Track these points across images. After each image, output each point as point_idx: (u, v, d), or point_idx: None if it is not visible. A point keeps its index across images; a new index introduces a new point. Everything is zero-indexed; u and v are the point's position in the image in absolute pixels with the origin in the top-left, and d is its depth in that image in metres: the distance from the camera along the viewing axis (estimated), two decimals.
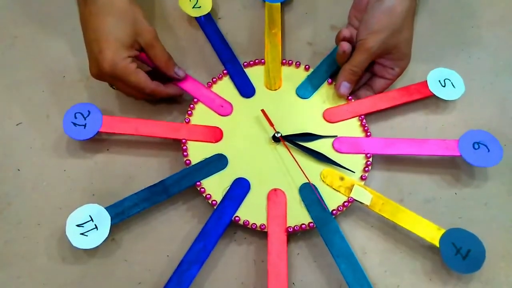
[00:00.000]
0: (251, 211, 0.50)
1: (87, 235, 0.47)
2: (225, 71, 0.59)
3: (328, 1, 0.68)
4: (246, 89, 0.58)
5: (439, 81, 0.58)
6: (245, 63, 0.60)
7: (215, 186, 0.52)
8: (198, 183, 0.51)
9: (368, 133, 0.55)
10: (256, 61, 0.60)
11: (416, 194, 0.54)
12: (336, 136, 0.55)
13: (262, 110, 0.55)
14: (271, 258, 0.48)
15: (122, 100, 0.59)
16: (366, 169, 0.53)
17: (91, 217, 0.48)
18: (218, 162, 0.53)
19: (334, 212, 0.51)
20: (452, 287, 0.49)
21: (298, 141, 0.54)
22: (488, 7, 0.68)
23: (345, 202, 0.51)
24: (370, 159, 0.54)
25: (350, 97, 0.58)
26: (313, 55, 0.63)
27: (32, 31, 0.63)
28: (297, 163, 0.52)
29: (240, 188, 0.52)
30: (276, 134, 0.54)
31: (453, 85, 0.58)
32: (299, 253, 0.51)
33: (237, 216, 0.50)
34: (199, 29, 0.63)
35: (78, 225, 0.47)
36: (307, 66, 0.59)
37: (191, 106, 0.56)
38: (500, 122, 0.59)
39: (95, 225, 0.47)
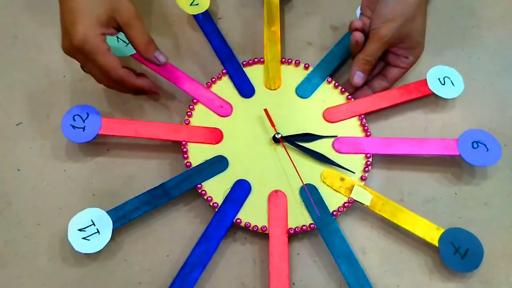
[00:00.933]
0: (252, 213, 0.50)
1: (89, 239, 0.47)
2: (224, 71, 0.59)
3: (328, 1, 0.67)
4: (245, 89, 0.58)
5: (439, 79, 0.58)
6: (244, 62, 0.59)
7: (216, 188, 0.51)
8: (199, 185, 0.51)
9: (368, 133, 0.55)
10: (255, 60, 0.59)
11: (416, 194, 0.55)
12: (336, 136, 0.55)
13: (265, 110, 0.55)
14: (272, 259, 0.48)
15: (122, 100, 0.58)
16: (366, 169, 0.53)
17: (92, 221, 0.48)
18: (218, 164, 0.53)
19: (334, 213, 0.51)
20: (452, 287, 0.50)
21: (298, 141, 0.54)
22: (488, 7, 0.68)
23: (345, 202, 0.51)
24: (370, 159, 0.54)
25: (349, 97, 0.58)
26: (313, 55, 0.63)
27: (32, 31, 0.63)
28: (293, 165, 0.52)
29: (241, 190, 0.51)
30: (276, 135, 0.53)
31: (452, 83, 0.58)
32: (299, 253, 0.51)
33: (238, 218, 0.50)
34: (198, 29, 0.63)
35: (80, 230, 0.47)
36: (306, 65, 0.59)
37: (191, 107, 0.56)
38: (500, 122, 0.59)
39: (97, 229, 0.47)
